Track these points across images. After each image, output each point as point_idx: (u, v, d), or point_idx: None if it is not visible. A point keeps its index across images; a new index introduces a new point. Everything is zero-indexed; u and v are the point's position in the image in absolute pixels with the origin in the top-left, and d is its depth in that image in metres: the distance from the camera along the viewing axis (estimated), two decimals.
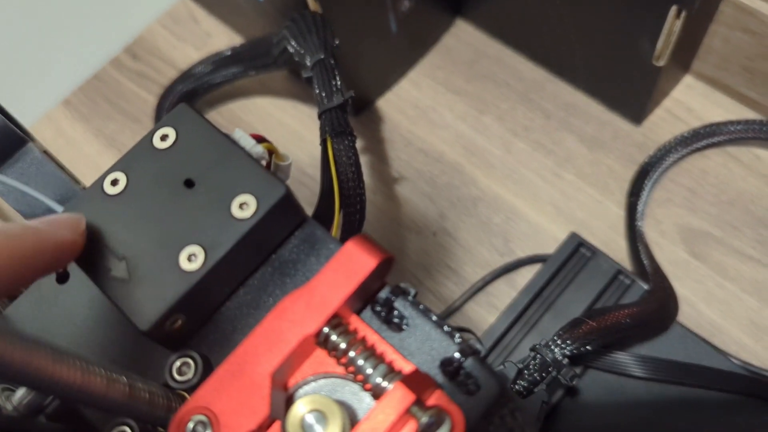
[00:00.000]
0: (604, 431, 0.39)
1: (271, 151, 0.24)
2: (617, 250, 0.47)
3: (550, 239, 0.48)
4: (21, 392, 0.23)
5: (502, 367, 0.33)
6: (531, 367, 0.32)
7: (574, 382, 0.32)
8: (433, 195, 0.52)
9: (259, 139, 0.24)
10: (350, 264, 0.21)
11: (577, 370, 0.38)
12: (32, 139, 0.37)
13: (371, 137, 0.54)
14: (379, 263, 0.21)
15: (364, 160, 0.54)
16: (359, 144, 0.54)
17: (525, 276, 0.47)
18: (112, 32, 0.60)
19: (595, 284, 0.42)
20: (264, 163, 0.24)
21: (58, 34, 0.58)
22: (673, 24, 0.42)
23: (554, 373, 0.32)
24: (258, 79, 0.56)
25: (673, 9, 0.41)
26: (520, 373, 0.32)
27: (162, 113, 0.54)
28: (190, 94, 0.53)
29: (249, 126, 0.56)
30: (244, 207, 0.22)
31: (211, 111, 0.57)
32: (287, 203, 0.22)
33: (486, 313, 0.47)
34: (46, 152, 0.37)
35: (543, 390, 0.32)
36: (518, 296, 0.42)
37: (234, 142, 0.23)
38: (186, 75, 0.53)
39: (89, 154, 0.57)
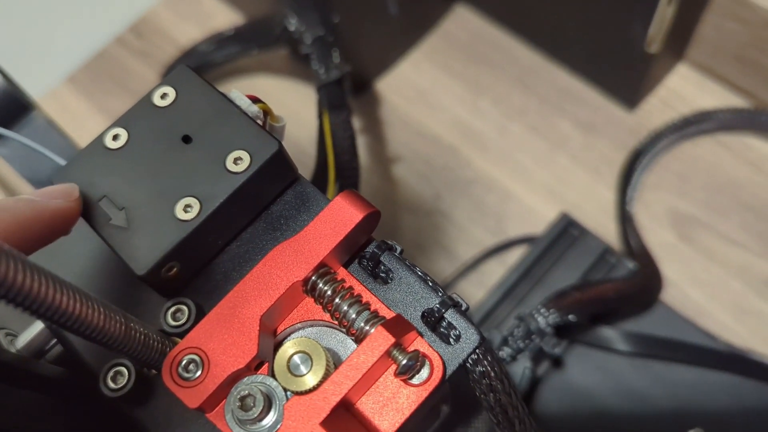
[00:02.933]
0: (588, 404, 0.40)
1: (266, 112, 0.25)
2: (607, 233, 0.48)
3: (542, 221, 0.49)
4: (24, 336, 0.24)
5: (486, 334, 0.34)
6: (515, 334, 0.33)
7: (556, 350, 0.33)
8: (429, 176, 0.53)
9: (255, 100, 0.25)
10: (338, 216, 0.22)
11: (562, 344, 0.40)
12: (35, 108, 0.38)
13: (370, 119, 0.55)
14: (365, 216, 0.22)
15: (362, 141, 0.55)
16: (358, 125, 0.55)
17: (516, 255, 0.48)
18: (117, 11, 0.61)
19: (582, 262, 0.43)
20: (259, 122, 0.25)
21: (64, 13, 0.59)
22: (665, 10, 0.43)
23: (537, 341, 0.33)
24: (259, 58, 0.57)
25: None
26: (504, 341, 0.33)
27: None
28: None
29: None
30: (238, 162, 0.23)
31: None
32: (279, 160, 0.23)
33: (477, 291, 0.48)
34: (49, 122, 0.38)
35: (527, 357, 0.33)
36: (508, 273, 0.43)
37: (230, 101, 0.24)
38: (188, 53, 0.54)
39: (93, 129, 0.57)
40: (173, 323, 0.23)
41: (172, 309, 0.23)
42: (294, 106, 0.57)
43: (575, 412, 0.39)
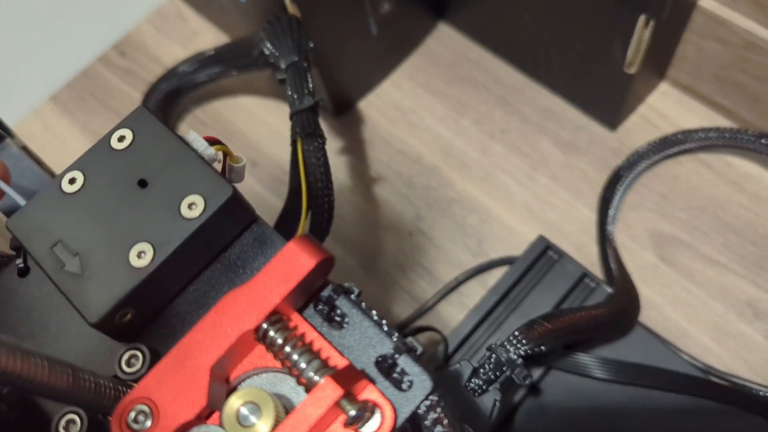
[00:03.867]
0: (566, 430, 0.40)
1: (225, 153, 0.25)
2: (588, 253, 0.48)
3: (523, 241, 0.49)
4: None
5: (458, 365, 0.34)
6: (486, 366, 0.33)
7: (526, 382, 0.33)
8: (411, 196, 0.52)
9: (212, 141, 0.25)
10: (290, 263, 0.22)
11: (539, 371, 0.39)
12: (11, 136, 0.38)
13: (352, 138, 0.55)
14: (318, 263, 0.22)
15: (344, 160, 0.55)
16: (340, 145, 0.55)
17: (497, 277, 0.48)
18: (101, 29, 0.61)
19: (560, 286, 0.43)
20: (219, 165, 0.25)
21: (47, 30, 0.59)
22: (642, 33, 0.42)
23: (508, 373, 0.33)
24: (242, 78, 0.57)
25: (642, 18, 0.41)
26: (475, 372, 0.33)
27: None
28: (174, 92, 0.54)
29: (232, 125, 0.57)
30: (193, 207, 0.23)
31: (195, 109, 0.58)
32: (235, 204, 0.23)
33: (458, 313, 0.48)
34: (24, 148, 0.38)
35: (496, 389, 0.33)
36: (486, 296, 0.43)
37: (187, 144, 0.24)
38: (170, 73, 0.54)
39: (75, 150, 0.58)
40: (128, 370, 0.23)
41: (126, 355, 0.23)
42: (277, 125, 0.57)
43: None
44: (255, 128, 0.57)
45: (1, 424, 0.23)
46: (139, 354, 0.23)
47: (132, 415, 0.20)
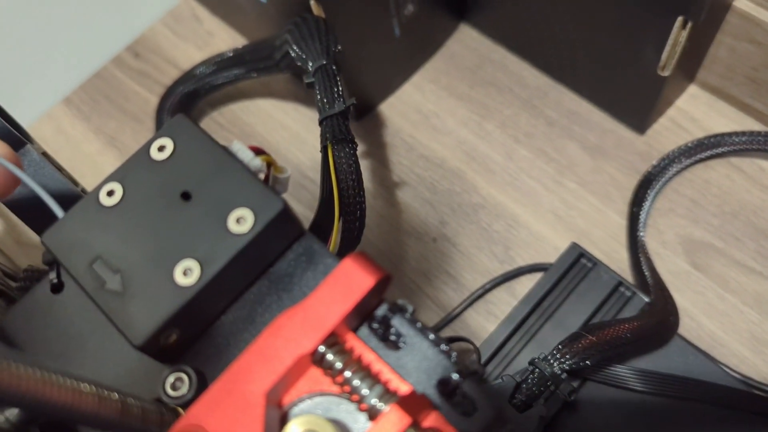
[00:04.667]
0: None
1: (270, 164, 0.24)
2: (618, 260, 0.47)
3: (551, 248, 0.48)
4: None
5: (500, 380, 0.32)
6: (529, 381, 0.32)
7: (572, 398, 0.32)
8: (434, 201, 0.51)
9: (258, 151, 0.23)
10: (347, 282, 0.21)
11: (576, 383, 0.38)
12: (31, 141, 0.37)
13: (373, 142, 0.54)
14: (377, 282, 0.21)
15: (365, 164, 0.53)
16: (361, 149, 0.54)
17: (525, 284, 0.47)
18: (115, 31, 0.60)
19: (595, 296, 0.42)
20: (262, 175, 0.24)
21: (61, 32, 0.58)
22: (678, 34, 0.41)
23: (552, 388, 0.32)
24: (260, 80, 0.56)
25: (679, 20, 0.40)
26: (518, 387, 0.32)
27: (163, 114, 0.54)
28: (192, 95, 0.53)
29: (250, 128, 0.56)
30: (241, 221, 0.21)
31: (212, 112, 0.57)
32: (284, 218, 0.22)
33: (485, 321, 0.46)
34: (44, 154, 0.37)
35: (541, 404, 0.32)
36: (518, 306, 0.42)
37: (232, 155, 0.23)
38: (187, 76, 0.53)
39: (89, 153, 0.56)
40: (173, 393, 0.21)
41: (172, 378, 0.21)
42: (295, 128, 0.55)
43: None
44: (273, 131, 0.55)
45: None
46: (185, 377, 0.21)
47: None
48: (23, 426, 0.22)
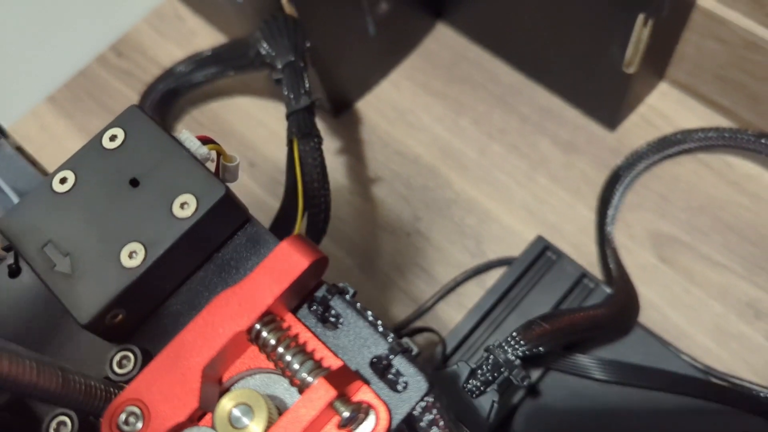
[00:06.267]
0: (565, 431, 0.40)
1: (219, 152, 0.25)
2: (588, 253, 0.48)
3: (522, 242, 0.49)
4: None
5: (455, 366, 0.33)
6: (484, 367, 0.33)
7: (525, 383, 0.33)
8: (409, 196, 0.52)
9: (206, 141, 0.24)
10: (283, 263, 0.21)
11: (537, 372, 0.39)
12: (6, 136, 0.38)
13: (350, 138, 0.55)
14: (312, 263, 0.21)
15: (342, 161, 0.54)
16: (338, 145, 0.55)
17: (495, 277, 0.47)
18: (99, 29, 0.61)
19: (559, 287, 0.42)
20: (212, 164, 0.25)
21: (45, 31, 0.59)
22: (641, 32, 0.42)
23: (506, 374, 0.33)
24: (239, 79, 0.57)
25: (641, 17, 0.41)
26: (472, 373, 0.33)
27: None
28: (172, 92, 0.54)
29: (230, 125, 0.57)
30: (185, 206, 0.22)
31: (193, 110, 0.58)
32: (227, 203, 0.23)
33: (456, 313, 0.47)
34: (19, 148, 0.38)
35: (494, 390, 0.33)
36: (484, 297, 0.43)
37: (180, 144, 0.24)
38: (167, 74, 0.54)
39: (72, 150, 0.57)
40: (119, 371, 0.22)
41: (118, 356, 0.22)
42: (274, 126, 0.56)
43: None
44: (252, 129, 0.56)
45: None
46: (131, 355, 0.22)
47: (123, 417, 0.20)
48: None
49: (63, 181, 0.24)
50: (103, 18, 0.61)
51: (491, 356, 0.33)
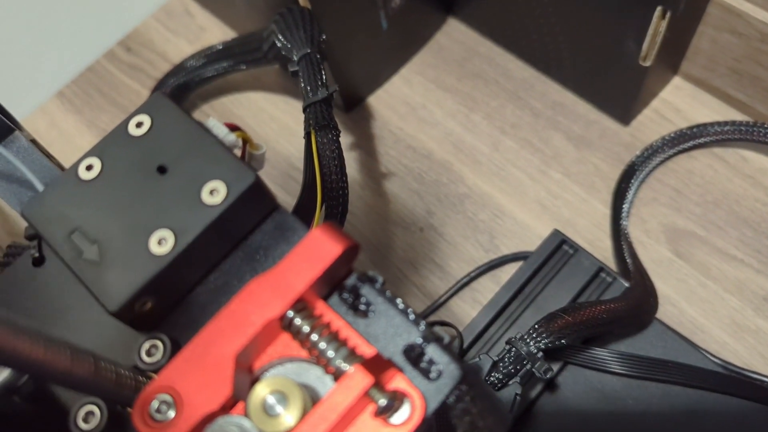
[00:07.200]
0: (583, 427, 0.40)
1: (245, 140, 0.25)
2: (602, 248, 0.48)
3: (536, 237, 0.48)
4: None
5: (477, 359, 0.33)
6: (506, 359, 0.33)
7: (547, 376, 0.32)
8: (421, 191, 0.52)
9: (233, 128, 0.24)
10: (316, 250, 0.21)
11: (556, 366, 0.39)
12: (20, 128, 0.38)
13: (362, 134, 0.55)
14: (344, 250, 0.21)
15: (354, 156, 0.54)
16: (350, 140, 0.55)
17: (509, 272, 0.47)
18: (108, 25, 0.61)
19: (576, 281, 0.42)
20: (238, 151, 0.25)
21: (53, 27, 0.59)
22: (658, 25, 0.42)
23: (528, 366, 0.32)
24: (251, 73, 0.57)
25: (658, 10, 0.41)
26: (494, 366, 0.33)
27: None
28: (182, 87, 0.53)
29: (241, 120, 0.57)
30: (214, 193, 0.22)
31: (203, 105, 0.57)
32: (257, 190, 0.23)
33: (470, 309, 0.47)
34: (33, 141, 0.38)
35: (517, 383, 0.32)
36: (500, 291, 0.43)
37: (207, 130, 0.23)
38: (178, 68, 0.54)
39: (82, 146, 0.57)
40: (148, 360, 0.22)
41: (147, 345, 0.22)
42: (285, 121, 0.56)
43: None
44: (264, 123, 0.56)
45: (17, 417, 0.23)
46: (159, 344, 0.22)
47: (155, 404, 0.20)
48: (4, 393, 0.23)
49: (89, 168, 0.23)
50: (111, 14, 0.61)
51: (513, 348, 0.33)
